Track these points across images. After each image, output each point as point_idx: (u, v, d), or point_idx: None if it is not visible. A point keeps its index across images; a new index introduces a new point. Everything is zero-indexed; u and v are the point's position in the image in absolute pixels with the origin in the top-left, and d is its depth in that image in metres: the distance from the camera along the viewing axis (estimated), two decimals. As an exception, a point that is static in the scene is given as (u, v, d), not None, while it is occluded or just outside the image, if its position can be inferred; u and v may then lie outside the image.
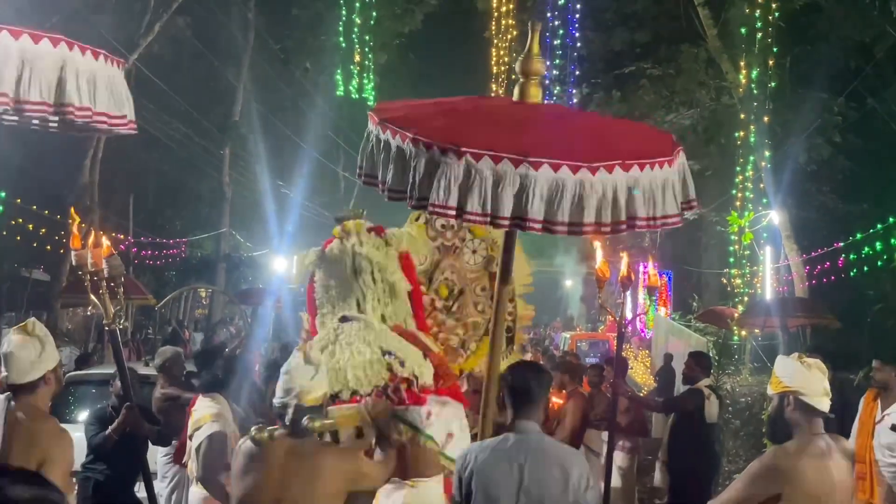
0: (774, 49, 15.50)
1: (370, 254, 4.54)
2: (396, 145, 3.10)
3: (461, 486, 3.42)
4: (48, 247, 18.10)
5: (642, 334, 25.46)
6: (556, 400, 7.81)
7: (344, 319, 4.29)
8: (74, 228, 4.92)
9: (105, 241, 4.88)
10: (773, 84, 15.63)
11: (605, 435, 7.08)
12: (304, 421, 3.33)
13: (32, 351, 3.55)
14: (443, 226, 5.07)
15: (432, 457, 4.01)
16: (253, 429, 3.51)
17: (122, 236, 20.94)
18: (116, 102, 3.14)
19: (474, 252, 5.08)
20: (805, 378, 3.46)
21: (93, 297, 4.89)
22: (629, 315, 27.19)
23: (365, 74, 28.00)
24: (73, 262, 4.83)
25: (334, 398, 3.85)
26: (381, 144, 3.21)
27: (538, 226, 2.93)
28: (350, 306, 4.51)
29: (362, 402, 3.91)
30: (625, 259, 6.04)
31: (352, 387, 3.99)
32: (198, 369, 5.93)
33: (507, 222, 2.95)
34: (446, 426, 4.09)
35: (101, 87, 3.09)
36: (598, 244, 5.48)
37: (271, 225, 24.02)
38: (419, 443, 3.97)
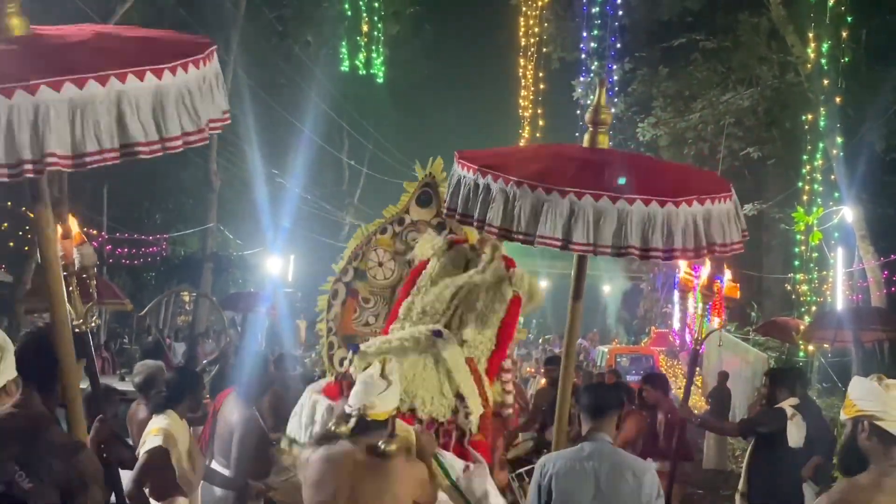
0: (848, 19, 15.40)
1: (492, 279, 5.13)
2: (499, 188, 4.06)
3: (540, 492, 4.25)
4: (11, 243, 18.26)
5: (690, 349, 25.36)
6: None
7: (437, 334, 4.83)
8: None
9: (75, 228, 4.94)
10: (846, 59, 15.53)
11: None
12: (381, 445, 3.88)
13: None
14: (415, 239, 5.58)
15: None
16: (331, 424, 4.07)
17: (94, 232, 21.09)
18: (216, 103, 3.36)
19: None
20: (883, 401, 3.43)
21: None
22: (686, 326, 27.03)
23: (373, 47, 28.10)
24: (40, 261, 4.87)
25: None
26: (480, 188, 4.16)
27: (637, 252, 3.96)
28: (441, 311, 5.11)
29: (415, 427, 4.38)
30: (707, 267, 6.01)
31: (414, 406, 4.54)
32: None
33: (609, 250, 3.95)
34: (481, 485, 4.58)
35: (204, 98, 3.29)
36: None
37: (265, 220, 24.13)
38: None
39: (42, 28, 3.47)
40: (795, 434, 7.15)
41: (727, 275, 6.10)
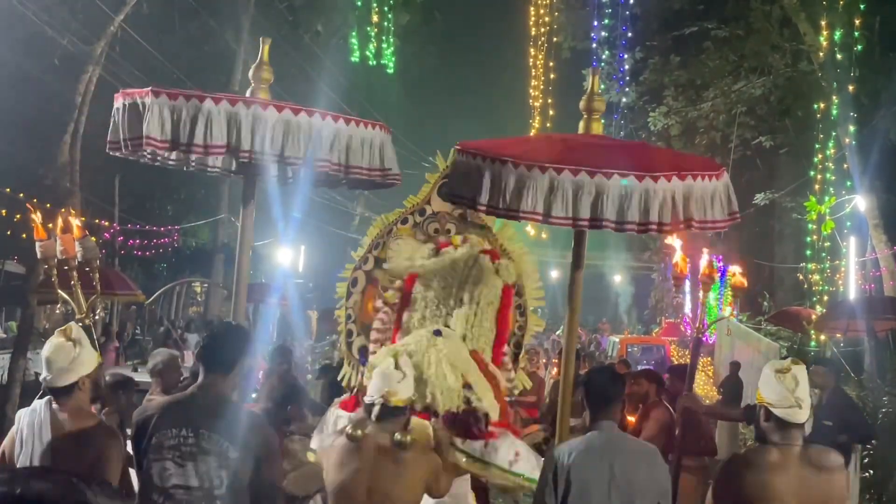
0: (861, 5, 15.29)
1: (481, 275, 5.45)
2: (487, 168, 4.26)
3: (556, 483, 4.25)
4: (24, 235, 18.33)
5: (703, 338, 25.26)
6: (628, 418, 7.90)
7: (437, 333, 5.12)
8: (36, 218, 5.05)
9: (75, 222, 4.99)
10: (859, 47, 15.41)
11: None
12: (398, 436, 4.23)
13: (68, 354, 4.24)
14: (436, 230, 5.92)
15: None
16: (348, 427, 4.37)
17: (106, 223, 21.16)
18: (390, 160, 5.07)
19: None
20: (772, 388, 4.06)
21: (61, 292, 5.02)
22: (685, 315, 26.97)
23: (384, 37, 28.05)
24: (39, 256, 4.96)
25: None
26: (472, 169, 4.37)
27: (612, 225, 4.10)
28: (442, 313, 5.43)
29: (432, 421, 4.74)
30: (707, 257, 6.08)
31: (427, 403, 4.80)
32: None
33: (586, 223, 4.14)
34: (508, 447, 4.92)
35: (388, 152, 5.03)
36: (676, 240, 5.66)
37: (276, 211, 24.11)
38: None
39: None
40: None
41: (737, 268, 6.17)
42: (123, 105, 4.69)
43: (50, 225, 5.19)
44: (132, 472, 6.51)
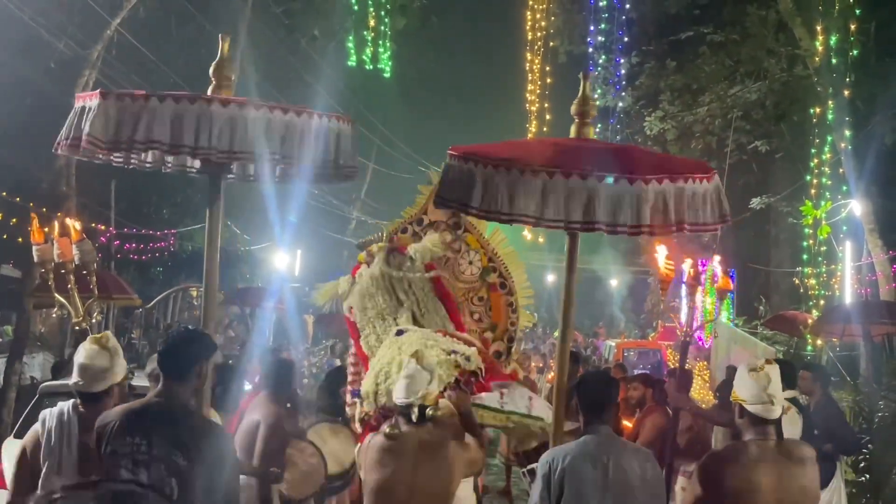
0: (857, 11, 15.32)
1: (398, 272, 5.73)
2: (480, 172, 4.27)
3: (550, 487, 4.31)
4: (19, 239, 18.30)
5: (700, 343, 25.27)
6: (625, 423, 7.91)
7: (399, 333, 5.38)
8: (34, 223, 5.09)
9: (74, 226, 5.02)
10: (854, 52, 15.45)
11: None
12: (429, 411, 4.43)
13: (104, 362, 4.37)
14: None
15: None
16: (385, 427, 4.56)
17: (102, 227, 21.14)
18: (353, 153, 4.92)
19: (470, 263, 6.32)
20: (746, 386, 4.29)
21: (58, 296, 5.04)
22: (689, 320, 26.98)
23: (380, 41, 28.05)
24: (35, 259, 4.99)
25: None
26: (463, 174, 4.38)
27: (605, 228, 4.13)
28: (389, 324, 5.68)
29: (445, 397, 4.89)
30: (691, 260, 6.18)
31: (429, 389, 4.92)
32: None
33: (578, 226, 4.17)
34: (522, 395, 5.24)
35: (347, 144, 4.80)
36: (662, 245, 5.75)
37: (272, 215, 24.14)
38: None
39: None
40: (788, 427, 7.20)
41: (718, 266, 6.32)
42: (75, 109, 4.63)
43: (46, 229, 5.20)
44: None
